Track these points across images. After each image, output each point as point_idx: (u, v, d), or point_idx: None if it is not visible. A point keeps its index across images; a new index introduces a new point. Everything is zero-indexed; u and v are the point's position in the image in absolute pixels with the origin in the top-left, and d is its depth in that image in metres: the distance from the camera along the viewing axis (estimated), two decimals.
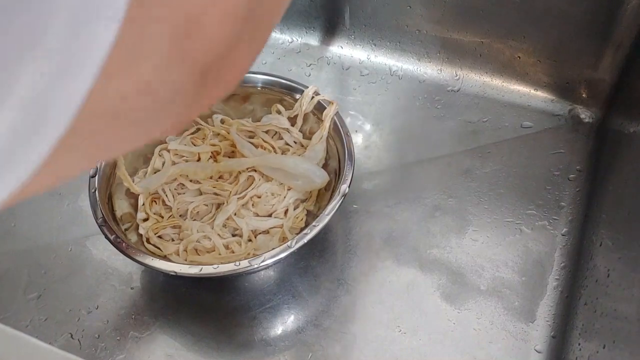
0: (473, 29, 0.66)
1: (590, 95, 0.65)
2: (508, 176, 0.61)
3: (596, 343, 0.43)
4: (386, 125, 0.66)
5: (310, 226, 0.47)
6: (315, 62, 0.74)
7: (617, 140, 0.57)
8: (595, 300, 0.47)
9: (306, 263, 0.55)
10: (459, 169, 0.62)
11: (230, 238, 0.53)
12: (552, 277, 0.53)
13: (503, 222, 0.57)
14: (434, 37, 0.68)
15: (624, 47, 0.60)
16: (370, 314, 0.52)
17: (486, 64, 0.68)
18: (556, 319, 0.51)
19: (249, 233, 0.53)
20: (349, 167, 0.52)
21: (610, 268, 0.46)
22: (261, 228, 0.54)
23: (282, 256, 0.46)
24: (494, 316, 0.51)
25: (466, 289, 0.53)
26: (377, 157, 0.63)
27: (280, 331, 0.52)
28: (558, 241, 0.56)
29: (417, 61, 0.71)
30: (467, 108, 0.67)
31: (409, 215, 0.58)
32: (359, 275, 0.54)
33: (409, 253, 0.55)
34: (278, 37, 0.76)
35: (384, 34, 0.71)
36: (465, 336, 0.50)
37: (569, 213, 0.58)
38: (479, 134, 0.65)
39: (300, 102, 0.57)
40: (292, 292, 0.53)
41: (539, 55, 0.65)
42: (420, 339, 0.50)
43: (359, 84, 0.71)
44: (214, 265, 0.46)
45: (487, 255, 0.55)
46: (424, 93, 0.69)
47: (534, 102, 0.67)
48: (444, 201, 0.59)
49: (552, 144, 0.63)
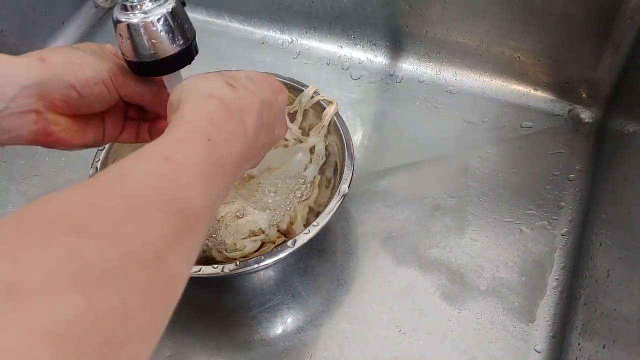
0: (473, 29, 0.66)
1: (590, 95, 0.65)
2: (508, 176, 0.61)
3: (596, 343, 0.43)
4: (386, 126, 0.66)
5: (310, 226, 0.47)
6: (315, 62, 0.74)
7: (617, 140, 0.57)
8: (595, 300, 0.47)
9: (306, 263, 0.55)
10: (459, 169, 0.62)
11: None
12: (552, 277, 0.54)
13: (503, 222, 0.57)
14: (434, 37, 0.68)
15: (624, 47, 0.60)
16: (370, 314, 0.52)
17: (486, 64, 0.68)
18: (556, 319, 0.51)
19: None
20: (349, 167, 0.52)
21: (610, 268, 0.46)
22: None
23: (282, 256, 0.46)
24: (494, 316, 0.51)
25: (466, 289, 0.53)
26: (377, 157, 0.63)
27: (280, 331, 0.52)
28: (558, 241, 0.56)
29: (417, 61, 0.71)
30: (467, 108, 0.67)
31: (409, 215, 0.58)
32: (359, 276, 0.54)
33: (409, 253, 0.55)
34: (278, 37, 0.76)
35: (384, 34, 0.71)
36: (465, 336, 0.50)
37: (569, 213, 0.58)
38: (479, 134, 0.65)
39: (300, 99, 0.57)
40: (292, 292, 0.54)
41: (539, 55, 0.65)
42: (420, 339, 0.50)
43: (359, 84, 0.71)
44: (214, 265, 0.46)
45: (487, 255, 0.55)
46: (424, 93, 0.69)
47: (534, 102, 0.67)
48: (444, 201, 0.59)
49: (552, 144, 0.63)
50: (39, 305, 0.17)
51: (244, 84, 0.36)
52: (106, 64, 0.38)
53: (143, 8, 0.36)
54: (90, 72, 0.36)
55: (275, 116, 0.39)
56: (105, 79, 0.37)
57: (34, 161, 0.65)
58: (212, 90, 0.34)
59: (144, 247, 0.22)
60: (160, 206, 0.24)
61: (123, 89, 0.38)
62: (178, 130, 0.31)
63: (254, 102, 0.36)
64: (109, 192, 0.24)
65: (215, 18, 0.80)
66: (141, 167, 0.26)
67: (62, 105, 0.37)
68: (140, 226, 0.23)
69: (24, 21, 0.71)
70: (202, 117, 0.32)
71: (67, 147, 0.39)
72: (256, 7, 0.76)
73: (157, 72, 0.38)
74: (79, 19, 0.80)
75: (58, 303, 0.18)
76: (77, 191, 0.23)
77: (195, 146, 0.29)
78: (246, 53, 0.76)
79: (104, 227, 0.21)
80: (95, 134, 0.40)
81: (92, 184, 0.25)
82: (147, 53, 0.37)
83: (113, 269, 0.20)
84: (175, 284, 0.24)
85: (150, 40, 0.36)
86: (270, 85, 0.40)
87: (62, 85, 0.36)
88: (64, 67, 0.36)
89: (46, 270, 0.18)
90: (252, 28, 0.78)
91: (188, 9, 0.39)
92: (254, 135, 0.35)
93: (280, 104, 0.41)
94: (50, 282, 0.18)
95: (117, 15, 0.36)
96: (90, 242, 0.20)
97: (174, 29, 0.37)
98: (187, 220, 0.25)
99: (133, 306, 0.20)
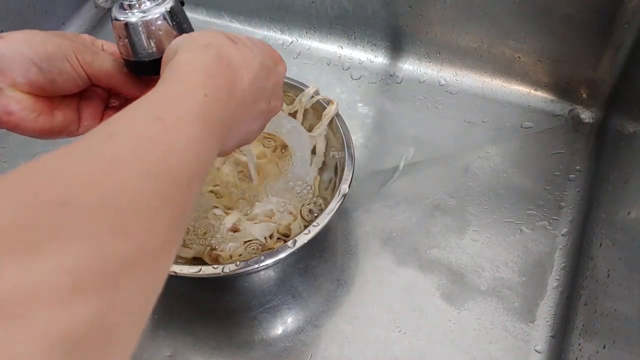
0: (473, 29, 0.66)
1: (590, 95, 0.65)
2: (508, 176, 0.61)
3: (596, 343, 0.43)
4: (386, 126, 0.66)
5: (310, 226, 0.47)
6: (315, 62, 0.74)
7: (617, 140, 0.57)
8: (595, 300, 0.46)
9: (306, 263, 0.55)
10: (459, 169, 0.62)
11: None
12: (552, 277, 0.53)
13: (503, 222, 0.57)
14: (434, 37, 0.68)
15: (624, 47, 0.60)
16: (370, 314, 0.52)
17: (486, 64, 0.68)
18: (556, 319, 0.51)
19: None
20: (349, 167, 0.52)
21: (610, 268, 0.46)
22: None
23: (282, 256, 0.46)
24: (494, 316, 0.51)
25: (466, 289, 0.53)
26: (377, 157, 0.63)
27: (280, 331, 0.52)
28: (558, 241, 0.56)
29: (417, 61, 0.71)
30: (467, 108, 0.67)
31: (409, 215, 0.58)
32: (359, 276, 0.54)
33: (409, 253, 0.55)
34: (278, 37, 0.76)
35: (384, 34, 0.71)
36: (465, 336, 0.50)
37: (569, 213, 0.58)
38: (479, 134, 0.65)
39: (300, 99, 0.57)
40: (292, 292, 0.53)
41: (539, 55, 0.65)
42: (420, 339, 0.50)
43: (359, 84, 0.71)
44: (214, 265, 0.46)
45: (487, 255, 0.55)
46: (424, 93, 0.69)
47: (534, 102, 0.67)
48: (444, 201, 0.59)
49: (552, 144, 0.63)
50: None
51: (244, 42, 0.35)
52: (72, 42, 0.36)
53: (142, 7, 0.36)
54: (51, 48, 0.35)
55: (272, 84, 0.38)
56: (69, 56, 0.36)
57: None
58: (211, 40, 0.33)
59: (133, 219, 0.21)
60: (151, 173, 0.23)
61: (90, 67, 0.37)
62: (172, 82, 0.29)
63: (253, 62, 0.35)
64: (97, 158, 0.23)
65: (215, 18, 0.80)
66: (131, 129, 0.25)
67: (23, 81, 0.35)
68: (130, 196, 0.22)
69: (24, 21, 0.71)
70: (198, 69, 0.30)
71: (32, 132, 0.37)
72: (256, 7, 0.76)
73: (156, 71, 0.38)
74: (79, 19, 0.80)
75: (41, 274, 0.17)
76: (63, 157, 0.22)
77: (189, 103, 0.28)
78: None
79: (91, 199, 0.20)
80: (65, 119, 0.38)
81: (79, 149, 0.23)
82: (146, 52, 0.37)
83: (102, 241, 0.19)
84: (167, 254, 0.23)
85: (148, 39, 0.36)
86: (271, 53, 0.38)
87: (21, 59, 0.34)
88: (24, 43, 0.35)
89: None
90: (252, 28, 0.78)
91: (188, 9, 0.39)
92: (250, 94, 0.34)
93: (278, 73, 0.39)
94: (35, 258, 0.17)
95: (115, 14, 0.36)
96: (76, 217, 0.19)
97: (172, 27, 0.37)
98: (179, 187, 0.24)
99: (124, 285, 0.20)
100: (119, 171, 0.22)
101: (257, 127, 0.38)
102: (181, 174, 0.25)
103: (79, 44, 0.37)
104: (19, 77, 0.35)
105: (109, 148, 0.23)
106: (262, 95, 0.36)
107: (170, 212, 0.24)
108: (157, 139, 0.25)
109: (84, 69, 0.37)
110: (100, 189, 0.21)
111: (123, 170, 0.22)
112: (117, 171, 0.22)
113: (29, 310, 0.17)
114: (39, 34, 0.35)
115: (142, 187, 0.23)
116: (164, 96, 0.28)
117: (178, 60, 0.31)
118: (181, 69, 0.30)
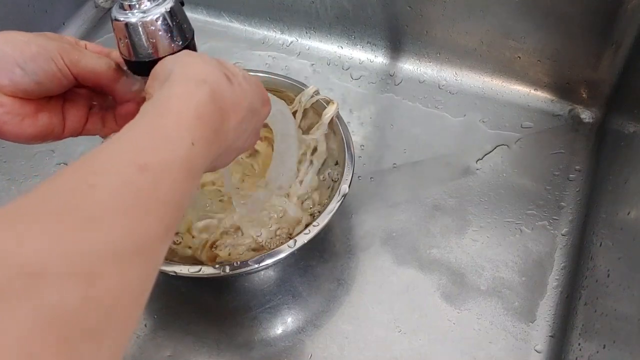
0: (473, 29, 0.66)
1: (590, 95, 0.65)
2: (508, 176, 0.61)
3: (596, 343, 0.43)
4: (386, 125, 0.66)
5: (310, 226, 0.47)
6: (315, 62, 0.74)
7: (617, 140, 0.57)
8: (595, 300, 0.46)
9: (306, 263, 0.55)
10: (459, 169, 0.62)
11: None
12: (552, 277, 0.53)
13: (503, 222, 0.57)
14: (434, 37, 0.68)
15: (624, 47, 0.60)
16: (370, 314, 0.52)
17: (486, 64, 0.68)
18: (556, 319, 0.51)
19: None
20: (349, 167, 0.52)
21: (610, 268, 0.46)
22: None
23: (282, 256, 0.46)
24: (494, 316, 0.51)
25: (466, 289, 0.53)
26: (377, 157, 0.63)
27: (280, 331, 0.52)
28: (558, 241, 0.56)
29: (417, 61, 0.71)
30: (467, 108, 0.67)
31: (409, 215, 0.58)
32: (359, 276, 0.54)
33: (409, 253, 0.55)
34: (278, 37, 0.76)
35: (384, 34, 0.71)
36: (465, 336, 0.50)
37: (569, 213, 0.58)
38: (479, 134, 0.65)
39: (300, 98, 0.57)
40: (292, 292, 0.53)
41: (539, 55, 0.65)
42: (420, 339, 0.50)
43: (359, 84, 0.71)
44: (214, 265, 0.46)
45: (487, 255, 0.55)
46: (424, 93, 0.69)
47: (534, 102, 0.67)
48: (444, 201, 0.59)
49: (552, 144, 0.63)
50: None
51: (239, 81, 0.35)
52: (57, 43, 0.36)
53: (141, 7, 0.36)
54: (35, 48, 0.35)
55: (254, 126, 0.38)
56: (54, 56, 0.35)
57: (33, 161, 0.65)
58: (207, 75, 0.32)
59: (108, 274, 0.22)
60: (132, 227, 0.23)
61: (76, 67, 0.36)
62: (161, 118, 0.29)
63: (242, 104, 0.35)
64: (75, 212, 0.22)
65: (215, 18, 0.80)
66: (114, 180, 0.24)
67: (7, 83, 0.34)
68: (105, 246, 0.22)
69: (24, 21, 0.72)
70: (190, 108, 0.30)
71: (17, 136, 0.36)
72: (256, 7, 0.76)
73: None
74: (79, 19, 0.81)
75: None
76: (38, 216, 0.22)
77: (175, 149, 0.28)
78: (246, 53, 0.76)
79: (64, 262, 0.20)
80: (50, 123, 0.38)
81: (55, 204, 0.22)
82: (145, 52, 0.37)
83: (77, 289, 0.20)
84: (139, 305, 0.24)
85: (148, 39, 0.36)
86: (260, 93, 0.38)
87: (5, 60, 0.34)
88: (7, 44, 0.34)
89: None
90: (252, 28, 0.78)
91: (188, 9, 0.39)
92: (234, 134, 0.34)
93: (262, 116, 0.39)
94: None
95: (115, 14, 0.36)
96: (49, 280, 0.20)
97: (172, 28, 0.37)
98: (158, 238, 0.25)
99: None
100: (100, 219, 0.22)
101: (229, 159, 0.38)
102: (160, 225, 0.25)
103: (64, 43, 0.36)
104: (2, 79, 0.34)
105: (92, 200, 0.23)
106: (243, 135, 0.36)
107: (145, 264, 0.24)
108: (142, 189, 0.25)
109: (69, 68, 0.36)
110: (72, 254, 0.21)
111: (103, 225, 0.22)
112: (98, 219, 0.22)
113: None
114: (23, 35, 0.35)
115: (119, 242, 0.23)
116: (150, 136, 0.28)
117: (169, 91, 0.31)
118: (172, 103, 0.30)
